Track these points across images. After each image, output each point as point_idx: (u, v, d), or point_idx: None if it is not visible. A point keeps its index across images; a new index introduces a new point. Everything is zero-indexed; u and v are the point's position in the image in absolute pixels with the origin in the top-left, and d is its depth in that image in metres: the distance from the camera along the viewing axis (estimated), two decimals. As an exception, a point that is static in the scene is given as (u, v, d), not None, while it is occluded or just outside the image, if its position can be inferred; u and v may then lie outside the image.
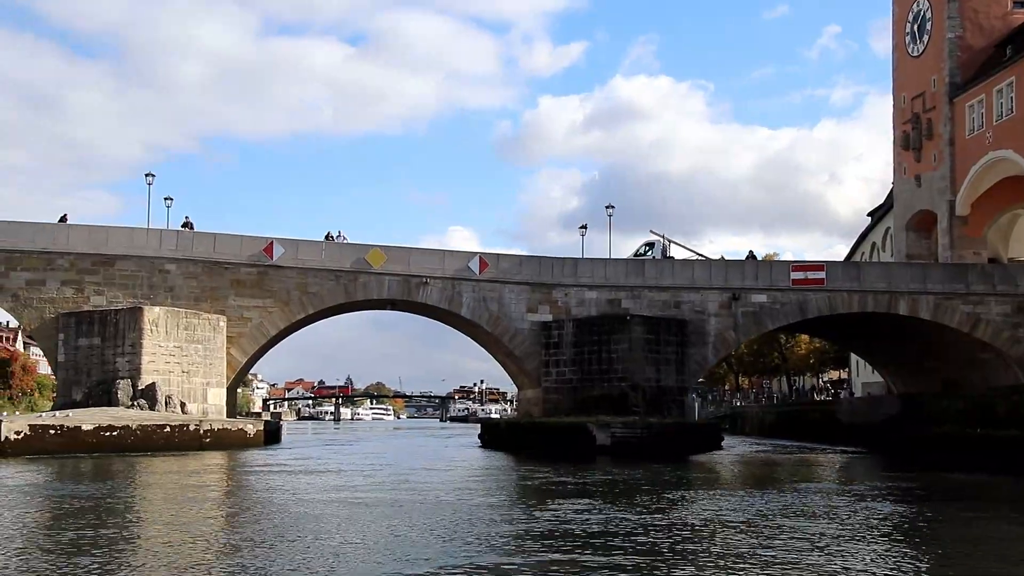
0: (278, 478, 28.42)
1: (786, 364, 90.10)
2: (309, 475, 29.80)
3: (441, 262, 49.09)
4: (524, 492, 25.13)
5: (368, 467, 34.38)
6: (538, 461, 36.01)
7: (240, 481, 28.62)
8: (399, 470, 32.36)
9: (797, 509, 21.16)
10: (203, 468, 31.82)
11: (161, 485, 25.59)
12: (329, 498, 22.28)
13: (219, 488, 25.66)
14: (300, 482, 26.90)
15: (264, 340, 47.31)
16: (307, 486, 25.63)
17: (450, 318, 51.21)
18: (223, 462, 35.21)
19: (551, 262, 50.22)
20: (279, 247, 47.63)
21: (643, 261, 50.80)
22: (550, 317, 49.29)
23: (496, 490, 26.11)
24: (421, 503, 21.43)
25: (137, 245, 46.12)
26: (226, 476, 30.13)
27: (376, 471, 31.90)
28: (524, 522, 18.13)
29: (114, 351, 43.01)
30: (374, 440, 69.55)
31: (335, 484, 26.41)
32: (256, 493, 24.46)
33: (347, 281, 47.96)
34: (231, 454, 39.08)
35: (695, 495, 24.51)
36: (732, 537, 16.68)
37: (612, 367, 46.77)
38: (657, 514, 19.79)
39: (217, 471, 31.52)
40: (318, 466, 34.66)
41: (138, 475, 28.63)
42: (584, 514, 19.33)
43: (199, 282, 46.61)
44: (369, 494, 23.28)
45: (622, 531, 17.03)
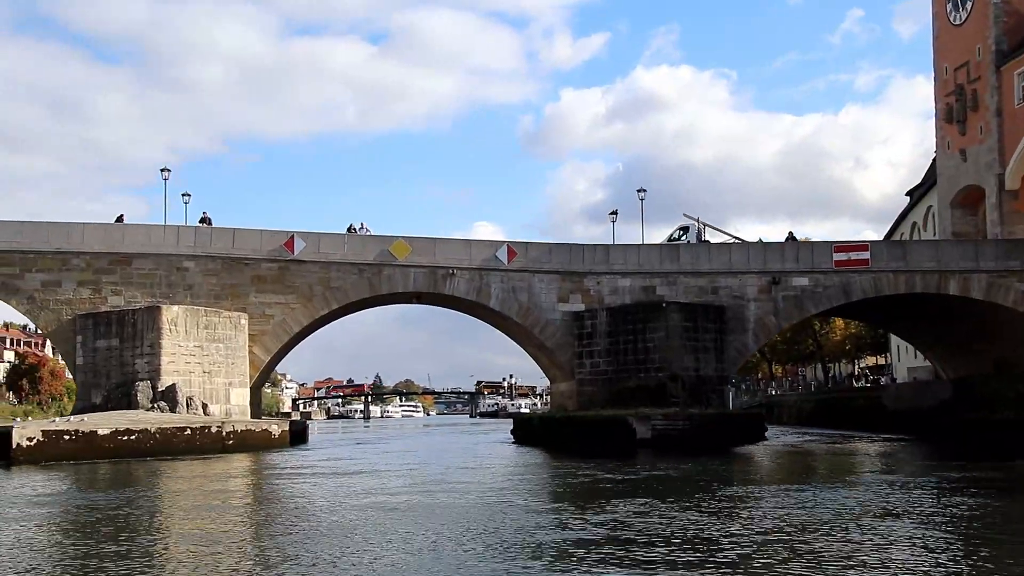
0: (307, 482, 26.61)
1: (821, 351, 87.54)
2: (340, 478, 27.96)
3: (468, 252, 47.09)
4: (571, 492, 23.11)
5: (401, 467, 32.43)
6: (576, 457, 34.00)
7: (266, 487, 26.79)
8: (434, 470, 30.35)
9: (872, 505, 19.07)
10: (226, 473, 29.99)
11: (181, 492, 23.82)
12: (363, 503, 20.43)
13: (244, 495, 23.84)
14: (331, 486, 25.04)
15: (287, 337, 45.51)
16: (338, 490, 23.78)
17: (478, 310, 49.22)
18: (247, 465, 33.42)
19: (582, 249, 48.12)
20: (300, 241, 45.79)
21: (678, 246, 48.58)
22: (582, 307, 47.22)
23: (540, 491, 24.15)
24: (462, 507, 19.52)
25: (154, 243, 44.43)
26: (251, 481, 28.30)
27: (410, 472, 29.93)
28: (579, 527, 16.22)
29: (133, 352, 41.34)
30: (405, 438, 67.49)
31: (368, 487, 24.50)
32: (284, 500, 22.66)
33: (371, 274, 46.06)
34: (256, 456, 37.29)
35: (756, 492, 22.48)
36: (812, 540, 14.66)
37: (649, 357, 44.64)
38: (722, 515, 17.80)
39: (241, 476, 29.71)
40: (349, 467, 32.79)
41: (157, 482, 26.88)
42: (642, 516, 17.37)
43: (219, 279, 44.87)
44: (405, 498, 21.41)
45: (688, 535, 15.10)
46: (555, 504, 19.90)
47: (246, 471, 31.26)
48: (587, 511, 18.25)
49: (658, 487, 23.28)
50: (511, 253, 47.32)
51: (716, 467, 29.75)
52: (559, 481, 25.97)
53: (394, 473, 29.41)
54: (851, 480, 25.79)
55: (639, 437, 37.76)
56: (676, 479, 25.77)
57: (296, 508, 20.61)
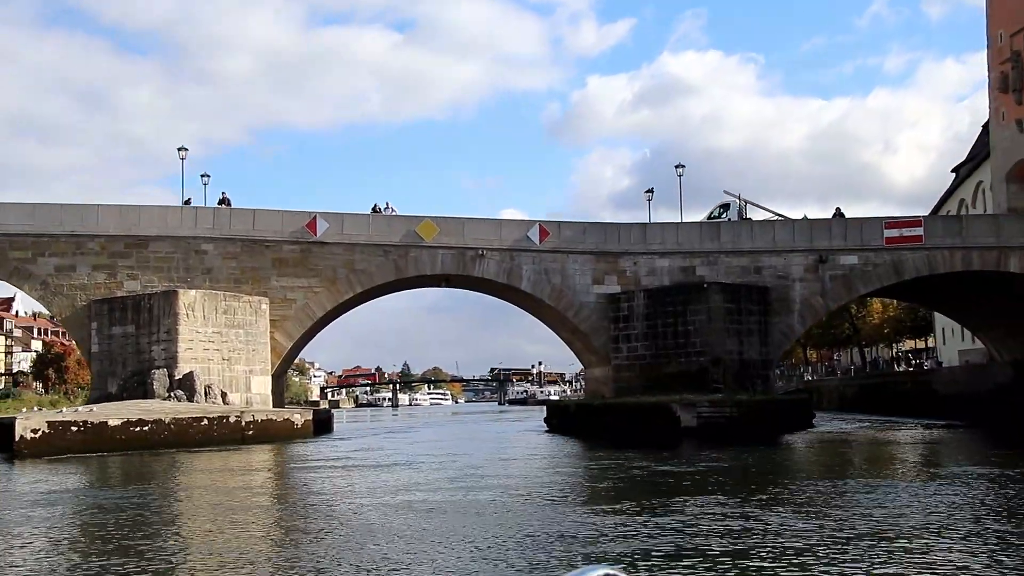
0: (333, 477, 24.30)
1: (858, 335, 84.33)
2: (368, 471, 25.69)
3: (498, 232, 44.64)
4: (625, 489, 20.64)
5: (433, 459, 29.96)
6: (617, 447, 31.51)
7: (288, 483, 24.60)
8: (468, 463, 27.87)
9: (962, 502, 16.40)
10: (245, 466, 27.80)
11: (194, 490, 21.71)
12: (396, 502, 18.17)
13: (263, 493, 21.63)
14: (359, 481, 22.73)
15: (310, 323, 43.29)
16: (368, 486, 21.53)
17: (509, 293, 46.79)
18: (268, 458, 31.28)
19: (617, 228, 45.57)
20: (323, 222, 43.52)
21: (718, 224, 45.87)
22: (618, 288, 44.71)
23: (590, 487, 21.77)
24: (506, 507, 17.26)
25: (171, 225, 42.30)
26: (271, 477, 26.16)
27: (443, 464, 27.44)
28: (647, 534, 13.91)
29: (149, 339, 39.28)
30: (434, 426, 65.17)
31: (401, 482, 22.19)
32: (309, 499, 20.46)
33: (397, 256, 43.72)
34: (277, 448, 35.13)
35: (830, 487, 19.94)
36: (914, 543, 12.14)
37: (689, 341, 42.08)
38: (805, 514, 15.38)
39: (260, 470, 27.52)
40: (377, 459, 30.51)
41: (168, 477, 24.76)
42: (716, 518, 15.03)
43: (238, 262, 42.70)
44: (442, 495, 19.09)
45: (771, 539, 12.69)
46: (611, 505, 17.35)
47: (266, 465, 29.10)
48: (650, 513, 15.86)
49: (720, 481, 20.80)
50: (543, 233, 44.84)
51: (775, 458, 27.28)
52: (608, 475, 23.43)
53: (426, 466, 27.01)
54: (926, 472, 23.17)
55: (684, 425, 35.21)
56: (736, 472, 23.28)
57: (323, 509, 18.41)
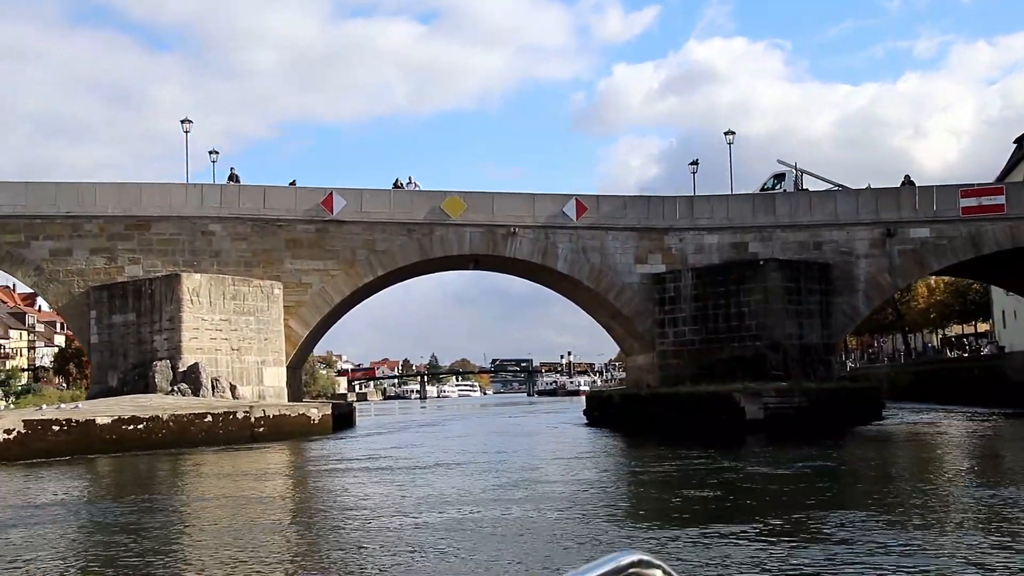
0: (355, 484, 20.04)
1: (901, 320, 79.33)
2: (396, 475, 21.40)
3: (531, 208, 40.33)
4: (715, 502, 16.18)
5: (468, 461, 25.17)
6: (676, 444, 27.12)
7: (300, 492, 20.38)
8: (509, 465, 23.22)
9: None
10: (248, 470, 23.63)
11: (183, 501, 17.65)
12: (439, 521, 13.93)
13: (266, 509, 17.36)
14: (388, 492, 18.41)
15: (327, 309, 39.19)
16: (399, 498, 17.27)
17: (543, 275, 42.51)
18: (277, 460, 27.18)
19: (661, 202, 41.14)
20: (340, 199, 39.40)
21: (773, 195, 41.34)
22: (663, 268, 40.32)
23: (665, 499, 17.21)
24: (577, 530, 12.94)
25: (175, 204, 38.31)
26: (280, 483, 21.74)
27: (481, 467, 22.74)
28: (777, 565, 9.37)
29: (151, 328, 35.33)
30: (464, 419, 60.60)
31: (437, 493, 17.63)
32: (323, 519, 16.20)
33: (421, 235, 39.53)
34: (291, 447, 31.08)
35: (967, 494, 15.38)
36: None
37: (744, 324, 37.64)
38: (958, 532, 10.88)
39: (266, 475, 23.17)
40: (405, 459, 25.99)
41: (160, 484, 20.69)
42: (848, 545, 10.53)
43: (249, 244, 38.67)
44: (491, 511, 14.68)
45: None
46: (705, 527, 13.04)
47: (275, 468, 24.86)
48: (762, 539, 11.53)
49: (834, 490, 16.36)
50: (580, 208, 40.51)
51: (875, 456, 22.81)
52: (686, 482, 18.86)
53: (463, 470, 22.48)
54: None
55: (749, 418, 30.74)
56: (847, 477, 18.80)
57: (348, 531, 14.06)
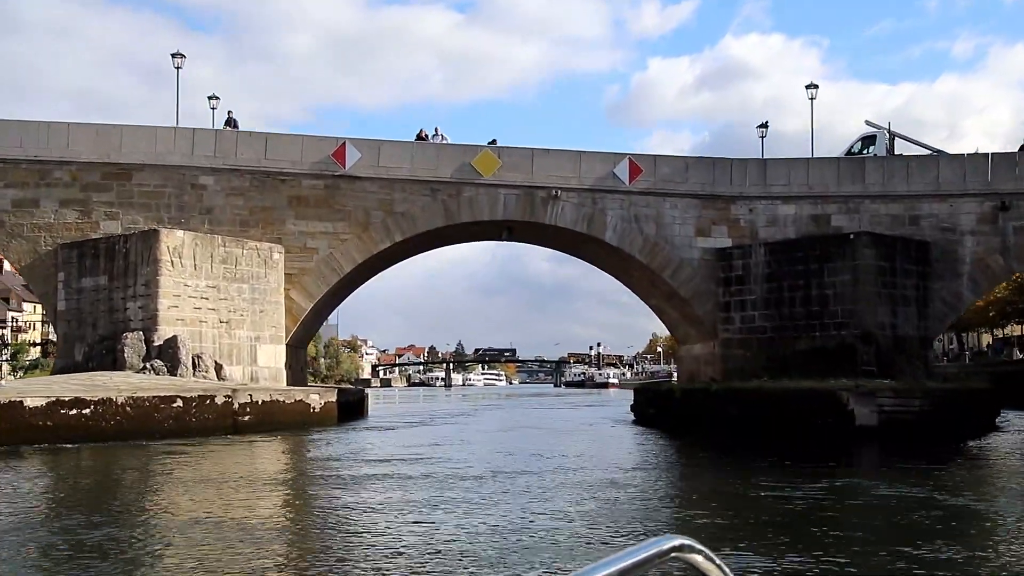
0: (355, 512, 13.37)
1: (958, 317, 72.03)
2: (416, 494, 14.79)
3: (576, 168, 33.95)
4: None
5: (502, 472, 17.86)
6: (773, 457, 20.53)
7: (246, 512, 13.82)
8: (562, 484, 16.20)
9: None
10: (206, 473, 17.23)
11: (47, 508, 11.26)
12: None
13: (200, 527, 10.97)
14: (406, 530, 11.49)
15: (336, 278, 33.05)
16: (422, 541, 10.59)
17: (588, 247, 36.13)
18: (252, 459, 20.83)
19: (729, 166, 34.60)
20: (353, 150, 33.24)
21: (862, 160, 34.63)
22: (729, 242, 33.93)
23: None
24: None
25: (161, 150, 32.27)
26: (226, 499, 14.96)
27: (521, 488, 15.59)
28: None
29: (124, 293, 29.34)
30: (491, 411, 53.77)
31: (469, 530, 11.15)
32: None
33: (447, 196, 33.30)
34: (280, 441, 25.02)
35: None
36: None
37: (827, 309, 31.13)
38: None
39: (223, 482, 16.42)
40: (425, 465, 19.13)
41: (33, 494, 14.37)
42: None
43: (246, 200, 32.61)
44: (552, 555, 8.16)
45: None
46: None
47: (242, 471, 18.26)
48: None
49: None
50: (634, 169, 34.08)
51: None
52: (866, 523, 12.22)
53: (501, 485, 15.43)
54: None
55: (859, 423, 24.07)
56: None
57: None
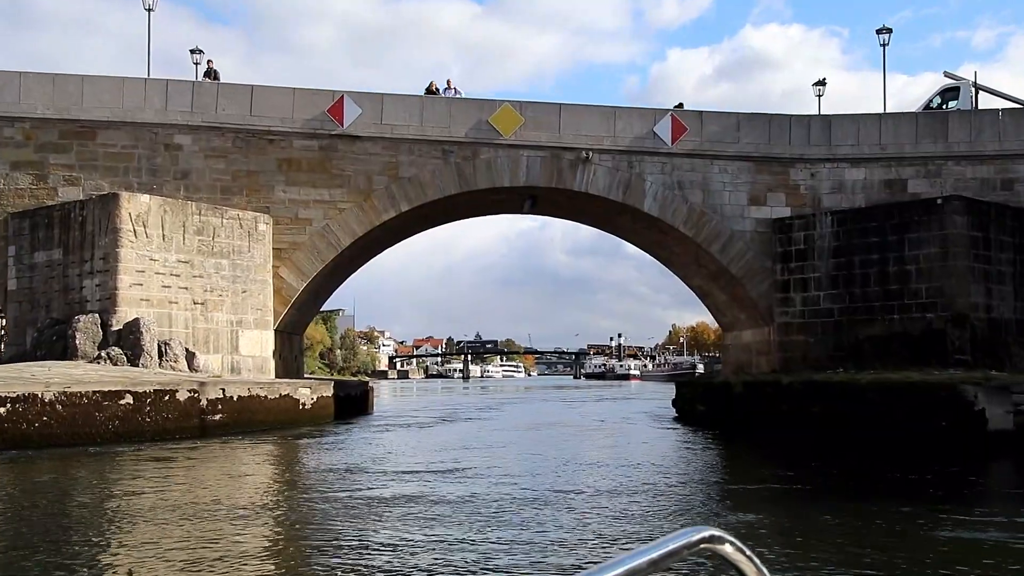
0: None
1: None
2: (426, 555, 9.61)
3: (610, 126, 28.94)
4: None
5: (543, 496, 12.29)
6: (884, 470, 15.45)
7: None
8: (643, 511, 10.94)
9: None
10: (113, 498, 11.39)
11: None
12: None
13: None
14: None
15: (333, 254, 28.17)
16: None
17: (623, 219, 31.10)
18: (198, 475, 15.20)
19: (788, 123, 29.50)
20: (353, 105, 28.33)
21: (944, 115, 29.43)
22: (788, 211, 28.86)
23: None
24: None
25: (129, 105, 27.47)
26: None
27: (588, 512, 10.46)
28: None
29: (80, 269, 24.56)
30: (513, 406, 47.57)
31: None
32: None
33: (461, 159, 28.37)
34: (257, 444, 20.18)
35: None
36: None
37: (908, 287, 26.03)
38: None
39: (135, 517, 10.78)
40: (441, 487, 13.62)
41: None
42: None
43: (228, 163, 27.79)
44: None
45: None
46: None
47: (170, 501, 12.53)
48: None
49: None
50: (678, 128, 29.03)
51: None
52: None
53: (550, 518, 10.15)
54: None
55: (992, 428, 18.87)
56: None
57: None
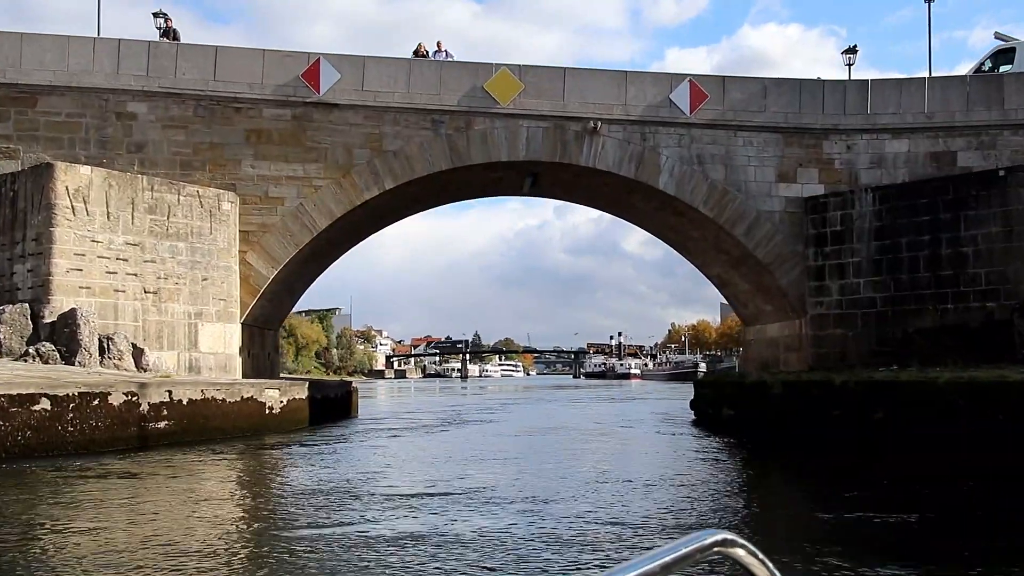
0: None
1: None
2: None
3: (621, 93, 25.42)
4: None
5: (579, 529, 8.67)
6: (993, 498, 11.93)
7: None
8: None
9: None
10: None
11: None
12: None
13: None
14: None
15: (308, 237, 24.63)
16: None
17: (634, 198, 27.57)
18: (107, 508, 10.85)
19: (820, 89, 26.01)
20: (331, 69, 24.84)
21: (999, 79, 25.96)
22: (821, 188, 25.38)
23: None
24: None
25: (76, 67, 23.94)
26: None
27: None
28: None
29: (11, 252, 21.05)
30: (515, 406, 43.63)
31: None
32: None
33: (453, 130, 24.85)
34: (207, 459, 16.69)
35: None
36: None
37: (965, 272, 22.59)
38: None
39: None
40: (443, 529, 9.71)
41: None
42: None
43: (189, 134, 24.26)
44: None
45: None
46: None
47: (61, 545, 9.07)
48: None
49: None
50: (697, 95, 25.53)
51: None
52: None
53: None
54: None
55: None
56: None
57: None
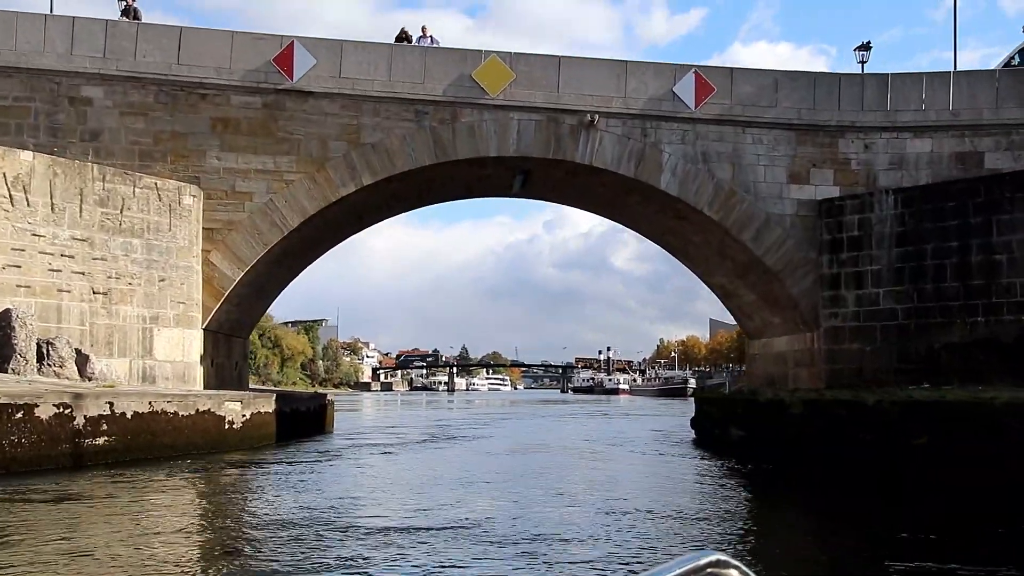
0: None
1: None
2: None
3: (620, 85, 23.33)
4: None
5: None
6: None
7: None
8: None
9: None
10: None
11: None
12: None
13: None
14: None
15: (278, 236, 22.38)
16: None
17: (632, 199, 25.42)
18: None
19: (836, 83, 23.98)
20: (305, 54, 22.65)
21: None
22: (836, 190, 23.34)
23: None
24: None
25: (24, 47, 21.71)
26: None
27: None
28: None
29: (-58, 247, 18.72)
30: (504, 422, 41.21)
31: None
32: None
33: (438, 122, 22.70)
34: (143, 485, 14.43)
35: None
36: None
37: (997, 282, 20.53)
38: None
39: None
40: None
41: None
42: None
43: (150, 122, 22.04)
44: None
45: None
46: None
47: None
48: None
49: None
50: (702, 88, 23.46)
51: None
52: None
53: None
54: None
55: None
56: None
57: None
